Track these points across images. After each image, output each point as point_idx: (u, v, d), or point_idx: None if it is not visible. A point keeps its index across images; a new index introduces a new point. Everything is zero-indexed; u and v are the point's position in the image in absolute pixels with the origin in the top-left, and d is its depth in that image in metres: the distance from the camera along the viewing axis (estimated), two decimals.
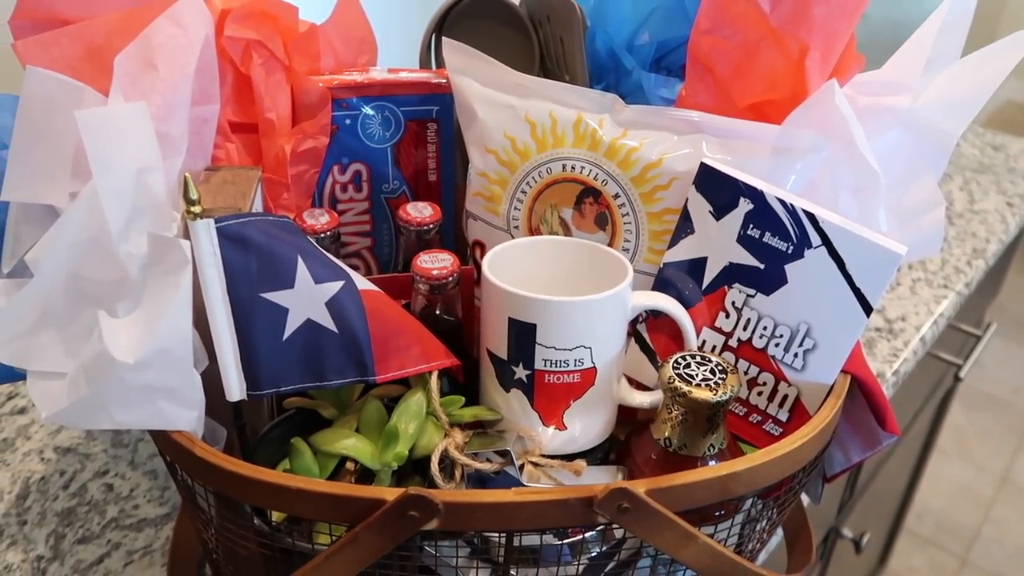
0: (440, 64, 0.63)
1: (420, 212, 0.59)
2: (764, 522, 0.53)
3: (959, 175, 1.25)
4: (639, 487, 0.42)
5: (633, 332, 0.56)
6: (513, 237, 0.58)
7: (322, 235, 0.58)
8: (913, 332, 0.91)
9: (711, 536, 0.47)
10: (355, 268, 0.66)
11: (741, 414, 0.54)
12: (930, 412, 1.38)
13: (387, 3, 0.82)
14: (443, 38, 0.59)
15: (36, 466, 0.69)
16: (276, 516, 0.47)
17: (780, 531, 0.66)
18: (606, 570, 0.50)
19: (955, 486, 2.13)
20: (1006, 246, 1.13)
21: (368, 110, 0.60)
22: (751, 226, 0.50)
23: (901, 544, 1.86)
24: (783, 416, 0.53)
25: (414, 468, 0.52)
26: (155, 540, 0.64)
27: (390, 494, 0.41)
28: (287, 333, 0.47)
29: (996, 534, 2.01)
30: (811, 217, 0.48)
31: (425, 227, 0.59)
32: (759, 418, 0.53)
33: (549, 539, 0.46)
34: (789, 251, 0.49)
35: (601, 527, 0.46)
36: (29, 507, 0.66)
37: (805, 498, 0.68)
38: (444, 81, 0.61)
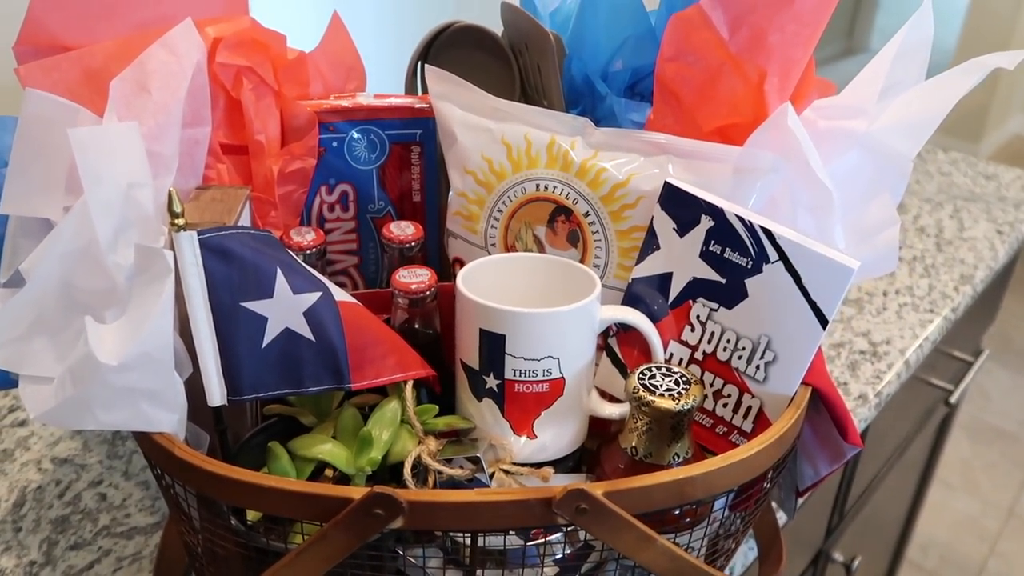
0: (425, 90, 0.66)
1: (403, 231, 0.62)
2: (733, 531, 0.54)
3: (950, 203, 1.26)
4: (596, 489, 0.44)
5: (604, 346, 0.58)
6: (490, 254, 0.61)
7: (308, 252, 0.60)
8: (897, 355, 0.93)
9: (673, 541, 0.49)
10: (342, 285, 0.69)
11: (708, 425, 0.56)
12: (926, 439, 1.38)
13: (377, 32, 0.85)
14: (426, 65, 0.62)
15: (33, 476, 0.72)
16: (252, 516, 0.49)
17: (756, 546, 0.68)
18: (578, 574, 0.51)
19: (960, 519, 2.11)
20: (995, 273, 1.14)
21: (354, 133, 0.63)
22: (712, 242, 0.52)
23: None
24: (747, 427, 0.54)
25: (391, 475, 0.54)
26: (144, 547, 0.66)
27: (357, 493, 0.43)
28: (266, 341, 0.49)
29: (1002, 568, 1.99)
30: (768, 233, 0.50)
31: (407, 245, 0.61)
32: (725, 429, 0.55)
33: (513, 540, 0.47)
34: (749, 266, 0.51)
35: (564, 529, 0.48)
36: (24, 515, 0.68)
37: (781, 515, 0.69)
38: (427, 106, 0.64)
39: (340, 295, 0.52)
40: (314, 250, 0.60)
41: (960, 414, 1.43)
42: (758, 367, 0.53)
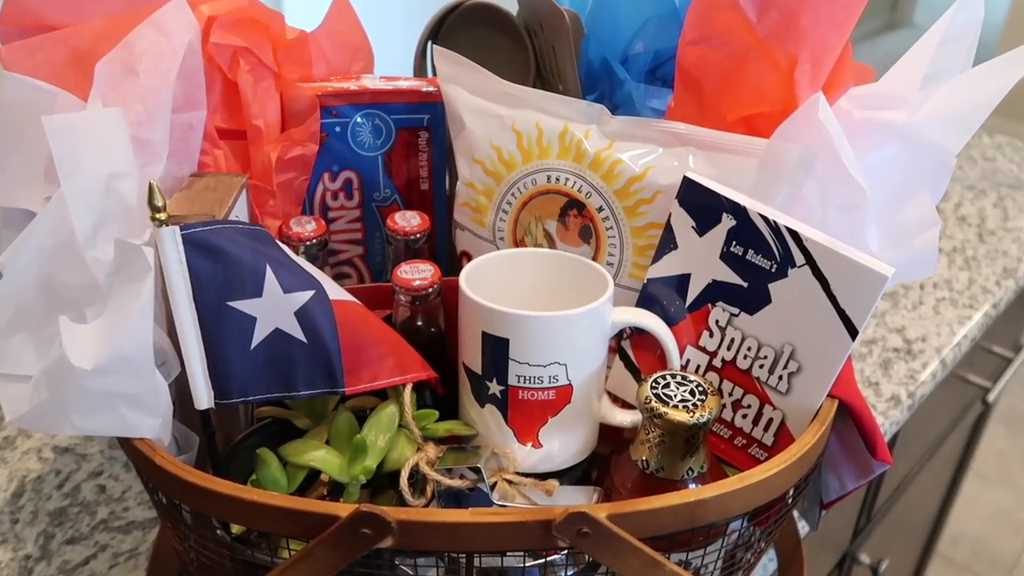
0: (435, 72, 0.62)
1: (408, 221, 0.58)
2: (750, 549, 0.51)
3: (994, 191, 1.20)
4: (600, 511, 0.41)
5: (618, 349, 0.55)
6: (499, 248, 0.57)
7: (309, 243, 0.57)
8: (933, 354, 0.88)
9: (683, 563, 0.46)
10: (347, 276, 0.66)
11: (726, 437, 0.52)
12: (961, 435, 1.33)
13: (386, 10, 0.81)
14: (434, 46, 0.59)
15: (33, 465, 0.70)
16: (237, 528, 0.47)
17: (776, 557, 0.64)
18: None
19: (995, 511, 2.05)
20: None
21: (358, 118, 0.60)
22: (734, 243, 0.48)
23: (933, 570, 1.80)
24: (768, 440, 0.51)
25: (390, 483, 0.51)
26: (142, 543, 0.64)
27: (344, 510, 0.40)
28: (255, 342, 0.46)
29: None
30: (794, 235, 0.46)
31: (413, 236, 0.58)
32: (744, 441, 0.52)
33: (511, 561, 0.44)
34: (773, 270, 0.48)
35: (566, 551, 0.45)
36: (23, 506, 0.66)
37: (803, 525, 0.66)
38: (435, 89, 0.60)
39: (335, 293, 0.49)
40: (315, 241, 0.58)
41: (998, 404, 1.37)
42: (781, 377, 0.49)
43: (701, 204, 0.49)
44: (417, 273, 0.53)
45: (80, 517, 0.66)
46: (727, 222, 0.48)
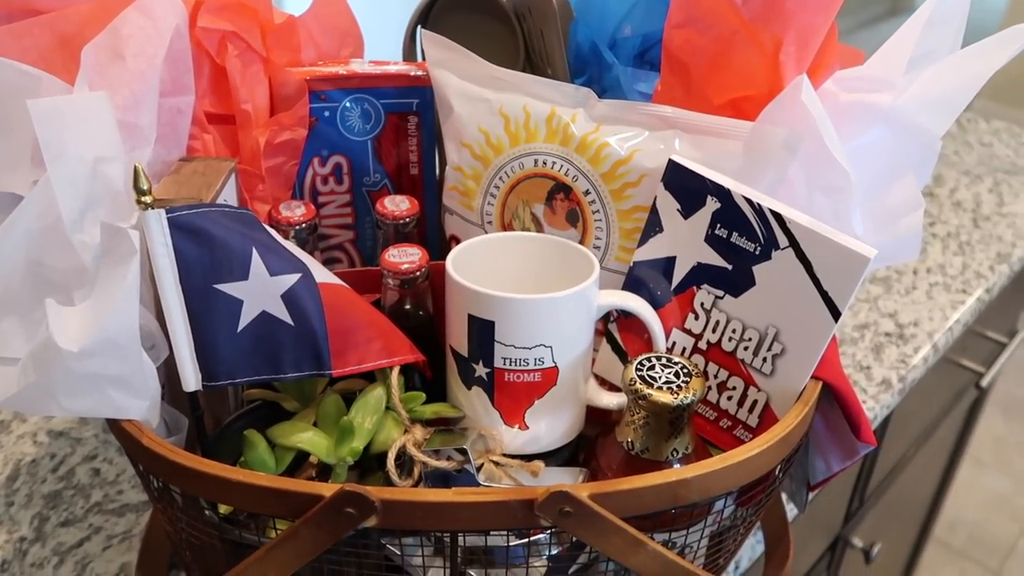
0: (424, 57, 0.62)
1: (397, 206, 0.59)
2: (735, 530, 0.52)
3: (990, 176, 1.20)
4: (582, 491, 0.41)
5: (604, 331, 0.55)
6: (487, 232, 0.58)
7: (298, 227, 0.58)
8: (925, 338, 0.88)
9: (668, 542, 0.46)
10: (338, 261, 0.66)
11: (711, 418, 0.53)
12: (956, 421, 1.34)
13: None
14: (423, 31, 0.59)
15: (28, 448, 0.71)
16: (224, 508, 0.47)
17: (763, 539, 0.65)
18: (568, 573, 0.49)
19: (991, 497, 2.06)
20: None
21: (347, 102, 0.60)
22: (719, 226, 0.49)
23: (929, 555, 1.81)
24: (753, 422, 0.51)
25: (378, 465, 0.51)
26: (135, 526, 0.65)
27: (328, 490, 0.41)
28: (241, 325, 0.46)
29: None
30: (778, 217, 0.46)
31: (402, 221, 0.58)
32: (729, 423, 0.52)
33: (495, 540, 0.45)
34: (757, 252, 0.48)
35: (551, 530, 0.45)
36: (17, 489, 0.67)
37: (791, 507, 0.66)
38: (424, 74, 0.60)
39: (323, 276, 0.49)
40: (304, 225, 0.58)
41: (995, 390, 1.37)
42: (765, 359, 0.49)
43: (686, 187, 0.49)
44: (405, 257, 0.53)
45: (74, 500, 0.66)
46: (712, 205, 0.49)
